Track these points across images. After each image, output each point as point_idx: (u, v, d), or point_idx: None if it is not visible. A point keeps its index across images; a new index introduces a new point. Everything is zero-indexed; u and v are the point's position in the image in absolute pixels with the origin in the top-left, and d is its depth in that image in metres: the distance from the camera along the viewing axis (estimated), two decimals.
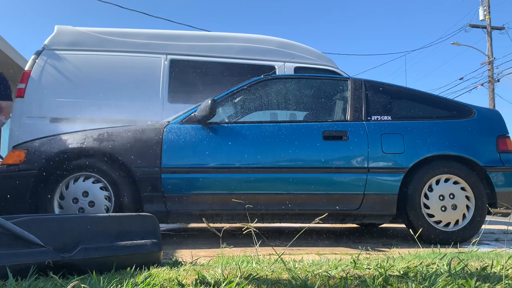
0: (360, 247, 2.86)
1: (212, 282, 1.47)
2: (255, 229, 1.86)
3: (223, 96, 3.28)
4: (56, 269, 1.59)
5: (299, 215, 3.11)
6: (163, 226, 4.24)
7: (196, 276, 1.53)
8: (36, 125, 4.23)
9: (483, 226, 3.19)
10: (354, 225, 4.67)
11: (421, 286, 1.43)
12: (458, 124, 3.31)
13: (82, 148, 2.96)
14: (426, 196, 3.10)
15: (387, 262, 1.86)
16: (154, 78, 4.64)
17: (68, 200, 2.90)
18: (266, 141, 3.08)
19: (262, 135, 3.10)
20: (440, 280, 1.47)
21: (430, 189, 3.12)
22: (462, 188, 3.14)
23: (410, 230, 2.86)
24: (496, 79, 16.98)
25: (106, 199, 2.93)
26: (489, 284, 1.46)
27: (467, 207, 3.13)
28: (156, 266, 1.84)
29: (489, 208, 3.16)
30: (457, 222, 3.11)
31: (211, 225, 2.22)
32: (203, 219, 2.11)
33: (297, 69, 4.93)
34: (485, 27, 17.42)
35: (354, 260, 1.85)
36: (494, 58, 17.07)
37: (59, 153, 2.94)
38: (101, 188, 2.94)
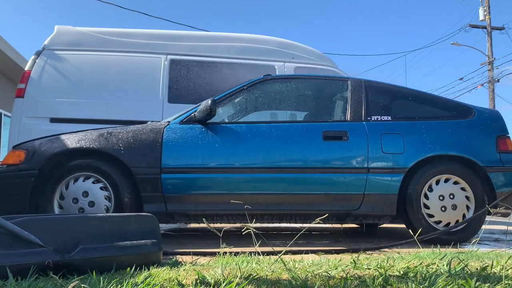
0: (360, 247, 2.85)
1: (212, 282, 1.46)
2: (254, 230, 1.86)
3: (223, 96, 3.28)
4: (56, 269, 1.59)
5: (299, 215, 3.11)
6: (163, 226, 4.24)
7: (196, 276, 1.53)
8: (36, 125, 4.23)
9: (483, 226, 3.18)
10: (354, 225, 4.67)
11: (421, 287, 1.43)
12: (458, 124, 3.31)
13: (82, 148, 2.96)
14: (426, 196, 3.10)
15: (387, 262, 1.86)
16: (154, 78, 4.64)
17: (68, 200, 2.90)
18: (266, 141, 3.08)
19: (262, 135, 3.10)
20: (440, 280, 1.46)
21: (430, 189, 3.12)
22: (462, 188, 3.13)
23: (410, 230, 2.85)
24: (496, 79, 16.98)
25: (106, 199, 2.93)
26: (489, 284, 1.46)
27: (467, 207, 3.12)
28: (156, 266, 1.84)
29: (489, 208, 3.16)
30: (457, 222, 3.10)
31: (211, 225, 2.22)
32: (204, 219, 2.12)
33: (297, 69, 4.93)
34: (485, 27, 17.41)
35: (354, 260, 1.85)
36: (494, 58, 17.06)
37: (59, 153, 2.94)
38: (101, 188, 2.94)
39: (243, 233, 1.93)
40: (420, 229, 2.75)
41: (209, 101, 3.02)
